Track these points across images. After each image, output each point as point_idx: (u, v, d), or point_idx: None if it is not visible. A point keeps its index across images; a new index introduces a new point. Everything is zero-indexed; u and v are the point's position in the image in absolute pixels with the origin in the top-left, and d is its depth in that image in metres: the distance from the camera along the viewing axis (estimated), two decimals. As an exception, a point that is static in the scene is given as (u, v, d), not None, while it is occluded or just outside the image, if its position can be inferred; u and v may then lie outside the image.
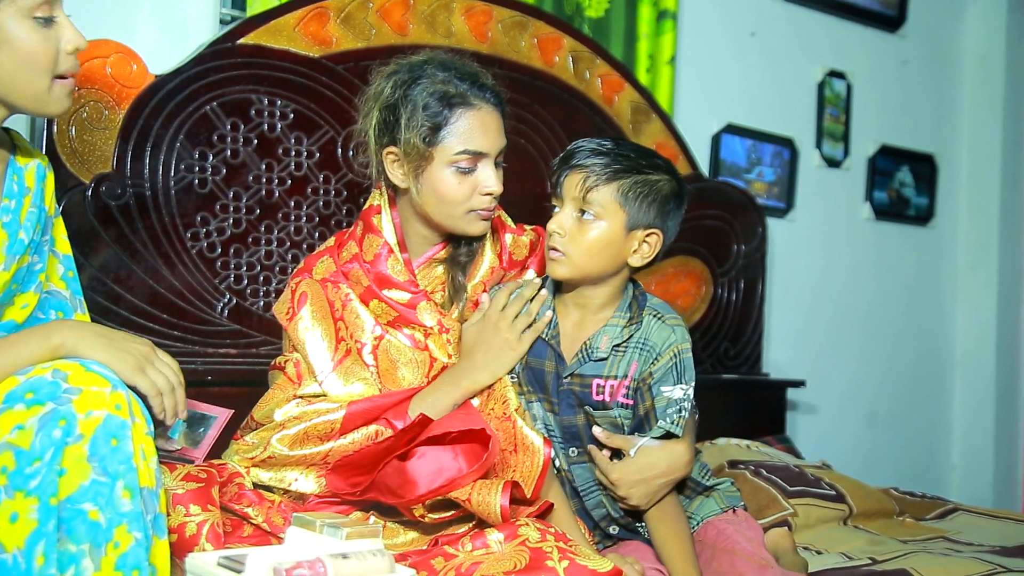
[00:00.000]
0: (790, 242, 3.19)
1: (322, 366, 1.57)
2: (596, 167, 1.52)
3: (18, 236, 1.35)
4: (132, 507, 1.14)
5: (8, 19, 1.24)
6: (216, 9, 2.23)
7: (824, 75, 3.30)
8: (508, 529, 1.36)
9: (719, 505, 1.68)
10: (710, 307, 2.84)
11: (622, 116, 2.64)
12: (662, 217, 1.55)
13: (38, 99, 1.29)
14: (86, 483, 1.12)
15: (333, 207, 2.19)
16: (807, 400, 3.24)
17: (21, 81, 1.27)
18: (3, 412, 1.14)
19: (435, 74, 1.55)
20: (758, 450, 2.52)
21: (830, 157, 3.34)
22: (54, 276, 1.46)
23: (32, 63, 1.26)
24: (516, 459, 1.48)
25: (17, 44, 1.25)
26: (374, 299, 1.60)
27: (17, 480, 1.11)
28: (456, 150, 1.53)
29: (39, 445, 1.11)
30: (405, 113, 1.53)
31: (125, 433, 1.15)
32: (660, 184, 1.55)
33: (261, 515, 1.48)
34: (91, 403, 1.14)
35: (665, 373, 1.55)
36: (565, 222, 1.54)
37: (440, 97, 1.53)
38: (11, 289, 1.35)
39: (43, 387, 1.14)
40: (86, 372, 1.16)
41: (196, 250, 2.04)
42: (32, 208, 1.38)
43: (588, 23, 2.73)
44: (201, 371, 1.96)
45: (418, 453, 1.44)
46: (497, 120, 1.59)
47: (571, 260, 1.53)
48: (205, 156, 2.05)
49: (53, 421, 1.12)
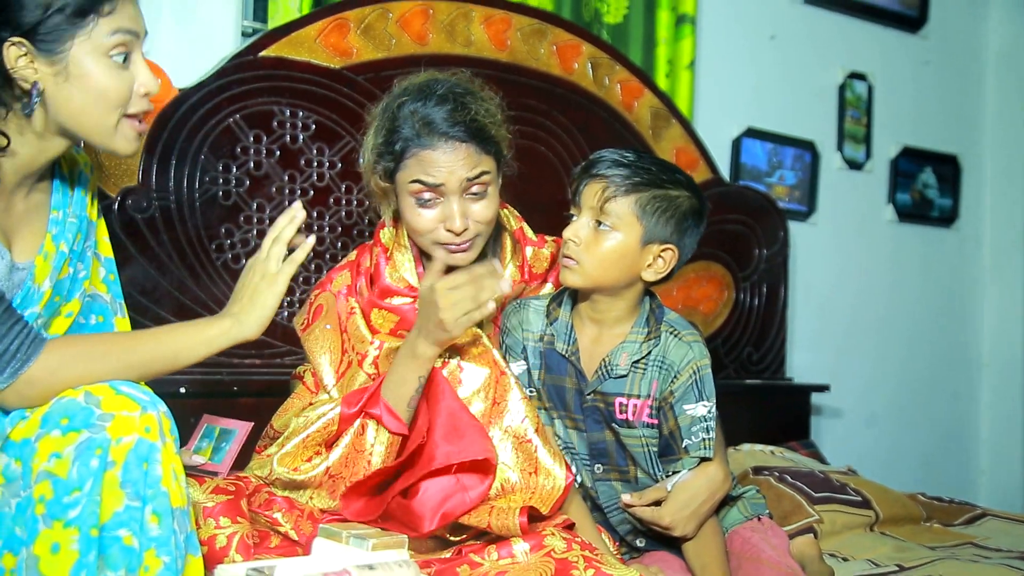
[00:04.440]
0: (812, 245, 3.18)
1: (328, 378, 1.59)
2: (616, 178, 1.52)
3: (59, 248, 1.37)
4: (160, 531, 1.15)
5: (84, 55, 1.25)
6: (238, 22, 2.25)
7: (845, 77, 3.29)
8: (534, 539, 1.36)
9: (744, 513, 1.68)
10: (732, 312, 2.83)
11: (642, 122, 2.64)
12: (679, 233, 1.55)
13: (104, 135, 1.30)
14: (120, 509, 1.13)
15: (355, 217, 2.20)
16: (832, 404, 3.22)
17: (89, 116, 1.28)
18: (41, 437, 1.15)
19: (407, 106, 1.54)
20: (782, 456, 2.50)
21: (852, 159, 3.32)
22: (96, 279, 1.47)
23: (102, 100, 1.27)
24: (535, 481, 1.47)
25: (90, 80, 1.26)
26: (375, 309, 1.60)
27: (55, 509, 1.12)
28: (410, 179, 1.53)
29: (76, 475, 1.13)
30: (374, 141, 1.55)
31: (155, 456, 1.16)
32: (679, 200, 1.54)
33: (290, 522, 1.49)
34: (123, 428, 1.15)
35: (686, 391, 1.55)
36: (581, 231, 1.54)
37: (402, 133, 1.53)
38: (54, 302, 1.37)
39: (77, 413, 1.16)
40: (117, 395, 1.17)
41: (221, 261, 2.06)
42: (73, 219, 1.40)
43: (607, 29, 2.73)
44: (227, 381, 1.98)
45: (421, 489, 1.44)
46: (455, 154, 1.51)
47: (584, 269, 1.53)
48: (229, 168, 2.07)
49: (90, 450, 1.13)
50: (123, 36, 1.27)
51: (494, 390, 1.52)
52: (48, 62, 1.24)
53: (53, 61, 1.24)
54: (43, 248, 1.35)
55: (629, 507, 1.58)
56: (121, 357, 1.25)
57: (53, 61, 1.24)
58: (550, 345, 1.61)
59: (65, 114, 1.27)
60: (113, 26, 1.26)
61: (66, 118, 1.27)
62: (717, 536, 1.59)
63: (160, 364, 1.29)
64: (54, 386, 1.19)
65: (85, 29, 1.24)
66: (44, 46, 1.23)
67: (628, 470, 1.61)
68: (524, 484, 1.46)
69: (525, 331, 1.63)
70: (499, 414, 1.51)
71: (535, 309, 1.64)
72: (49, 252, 1.35)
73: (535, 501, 1.45)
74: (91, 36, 1.25)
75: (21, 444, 1.16)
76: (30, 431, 1.17)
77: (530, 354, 1.63)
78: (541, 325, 1.63)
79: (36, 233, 1.36)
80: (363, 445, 1.49)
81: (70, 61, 1.24)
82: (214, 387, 1.96)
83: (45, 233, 1.36)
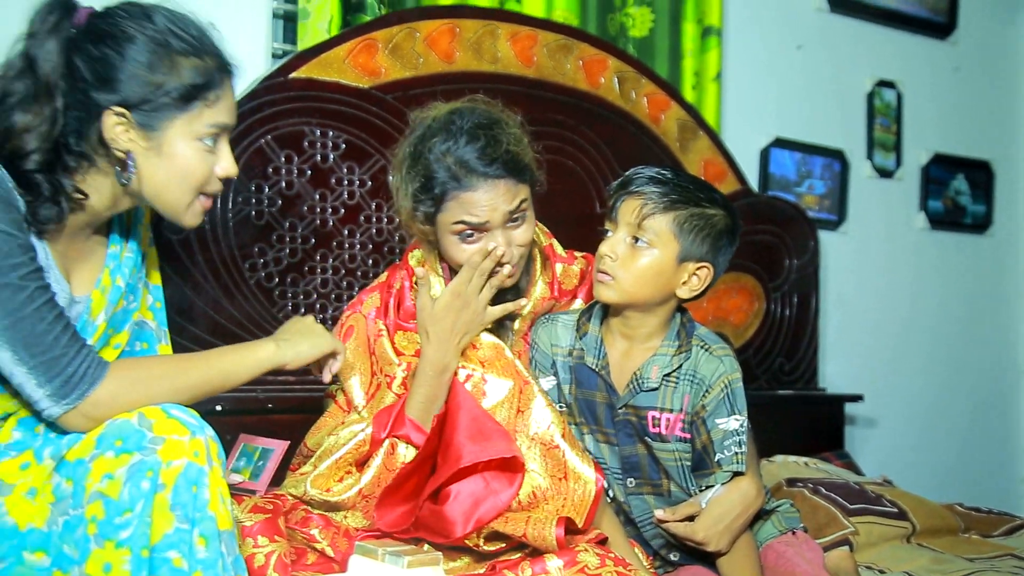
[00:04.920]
0: (844, 254, 3.16)
1: (359, 399, 1.60)
2: (654, 195, 1.53)
3: (116, 282, 1.41)
4: (208, 554, 1.17)
5: (177, 137, 1.31)
6: (268, 44, 2.29)
7: (873, 85, 3.27)
8: (567, 555, 1.37)
9: (778, 527, 1.67)
10: (763, 323, 2.82)
11: (669, 134, 2.64)
12: (714, 252, 1.55)
13: (177, 211, 1.36)
14: (170, 531, 1.16)
15: (385, 234, 2.22)
16: (866, 415, 3.19)
17: (170, 192, 1.34)
18: (95, 458, 1.18)
19: (438, 147, 1.53)
20: (816, 467, 2.49)
21: (882, 167, 3.30)
22: (143, 307, 1.52)
23: (184, 179, 1.33)
24: (566, 486, 1.48)
25: (178, 160, 1.32)
26: (399, 331, 1.62)
27: (107, 530, 1.15)
28: (452, 221, 1.54)
29: (128, 496, 1.15)
30: (410, 188, 1.55)
31: (203, 480, 1.19)
32: (716, 218, 1.55)
33: (327, 539, 1.50)
34: (173, 452, 1.18)
35: (718, 405, 1.55)
36: (617, 247, 1.54)
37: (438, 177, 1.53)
38: (107, 334, 1.41)
39: (131, 435, 1.19)
40: (168, 419, 1.20)
41: (254, 280, 2.09)
42: (129, 253, 1.45)
43: (632, 43, 2.74)
44: (262, 399, 2.00)
45: (452, 493, 1.45)
46: (495, 191, 1.52)
47: (619, 285, 1.54)
48: (261, 188, 2.10)
49: (141, 472, 1.16)
50: (219, 128, 1.34)
51: (518, 400, 1.53)
52: (144, 136, 1.30)
53: (149, 136, 1.30)
54: (100, 282, 1.39)
55: (662, 522, 1.58)
56: (176, 380, 1.29)
57: (149, 136, 1.30)
58: (580, 360, 1.62)
59: (147, 185, 1.33)
60: (213, 118, 1.33)
61: (146, 188, 1.33)
62: (752, 550, 1.59)
63: (210, 386, 1.34)
64: (115, 409, 1.23)
65: (188, 114, 1.30)
66: (144, 120, 1.29)
67: (661, 484, 1.61)
68: (555, 490, 1.47)
69: (554, 346, 1.64)
70: (524, 423, 1.52)
71: (564, 324, 1.65)
72: (106, 286, 1.40)
73: (568, 509, 1.46)
74: (191, 123, 1.31)
75: (75, 464, 1.19)
76: (85, 451, 1.20)
77: (560, 369, 1.63)
78: (570, 340, 1.63)
79: (94, 267, 1.40)
80: (394, 464, 1.51)
81: (164, 140, 1.30)
82: (249, 404, 1.98)
83: (103, 267, 1.41)
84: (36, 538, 1.19)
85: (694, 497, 1.58)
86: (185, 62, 1.30)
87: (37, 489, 1.21)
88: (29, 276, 1.21)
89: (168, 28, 1.31)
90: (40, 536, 1.19)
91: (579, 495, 1.47)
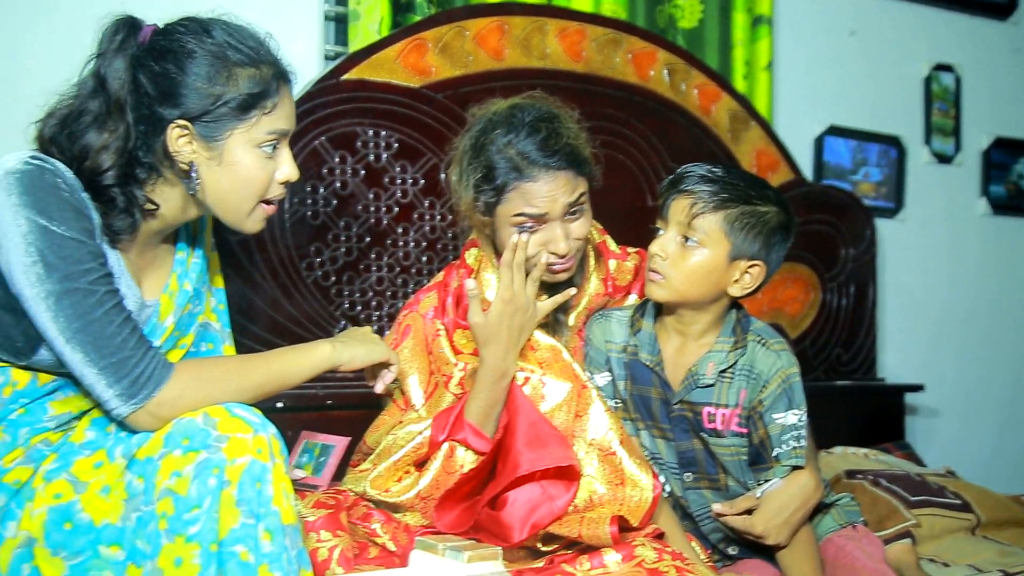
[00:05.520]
0: (901, 242, 3.11)
1: (417, 398, 1.62)
2: (704, 194, 1.52)
3: (183, 287, 1.46)
4: (272, 548, 1.20)
5: (238, 146, 1.35)
6: (320, 46, 2.32)
7: (930, 69, 3.20)
8: (625, 550, 1.37)
9: (838, 521, 1.66)
10: (820, 313, 2.79)
11: (720, 125, 2.63)
12: (767, 249, 1.54)
13: (239, 218, 1.40)
14: (236, 526, 1.19)
15: (439, 231, 2.25)
16: (928, 404, 3.13)
17: (232, 200, 1.38)
18: (163, 456, 1.22)
19: (498, 139, 1.55)
20: (876, 459, 2.45)
21: (940, 153, 3.23)
22: (207, 309, 1.57)
23: (246, 187, 1.37)
24: (623, 492, 1.49)
25: (239, 168, 1.36)
26: (459, 329, 1.63)
27: (177, 525, 1.19)
28: (512, 213, 1.54)
29: (196, 493, 1.19)
30: (472, 179, 1.56)
31: (266, 476, 1.22)
32: (768, 215, 1.53)
33: (388, 533, 1.53)
34: (237, 450, 1.21)
35: (775, 400, 1.55)
36: (668, 246, 1.54)
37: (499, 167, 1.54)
38: (174, 336, 1.46)
39: (196, 433, 1.22)
40: (231, 418, 1.24)
41: (311, 279, 2.12)
42: (196, 259, 1.50)
43: (682, 34, 2.72)
44: (321, 396, 2.04)
45: (509, 500, 1.46)
46: (555, 183, 1.53)
47: (670, 284, 1.54)
48: (316, 189, 2.14)
49: (207, 469, 1.20)
50: (277, 135, 1.37)
51: (576, 403, 1.54)
52: (205, 147, 1.34)
53: (210, 147, 1.34)
54: (168, 287, 1.44)
55: (720, 516, 1.58)
56: (238, 380, 1.33)
57: (210, 147, 1.34)
58: (634, 356, 1.62)
59: (211, 194, 1.37)
60: (271, 125, 1.36)
61: (210, 197, 1.37)
62: (811, 544, 1.58)
63: (272, 386, 1.37)
64: (179, 409, 1.27)
65: (246, 123, 1.34)
66: (205, 132, 1.33)
67: (718, 478, 1.61)
68: (611, 496, 1.48)
69: (608, 342, 1.65)
70: (582, 427, 1.53)
71: (618, 320, 1.66)
72: (174, 291, 1.45)
73: (624, 512, 1.47)
74: (250, 131, 1.35)
75: (145, 462, 1.23)
76: (154, 450, 1.24)
77: (614, 365, 1.64)
78: (624, 336, 1.64)
79: (162, 272, 1.45)
80: (453, 467, 1.52)
81: (225, 149, 1.34)
82: (309, 401, 2.02)
83: (171, 273, 1.46)
84: (111, 533, 1.23)
85: (752, 490, 1.57)
86: (242, 73, 1.33)
87: (111, 487, 1.25)
88: (98, 281, 1.26)
89: (226, 41, 1.34)
90: (115, 531, 1.23)
91: (635, 501, 1.48)
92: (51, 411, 1.35)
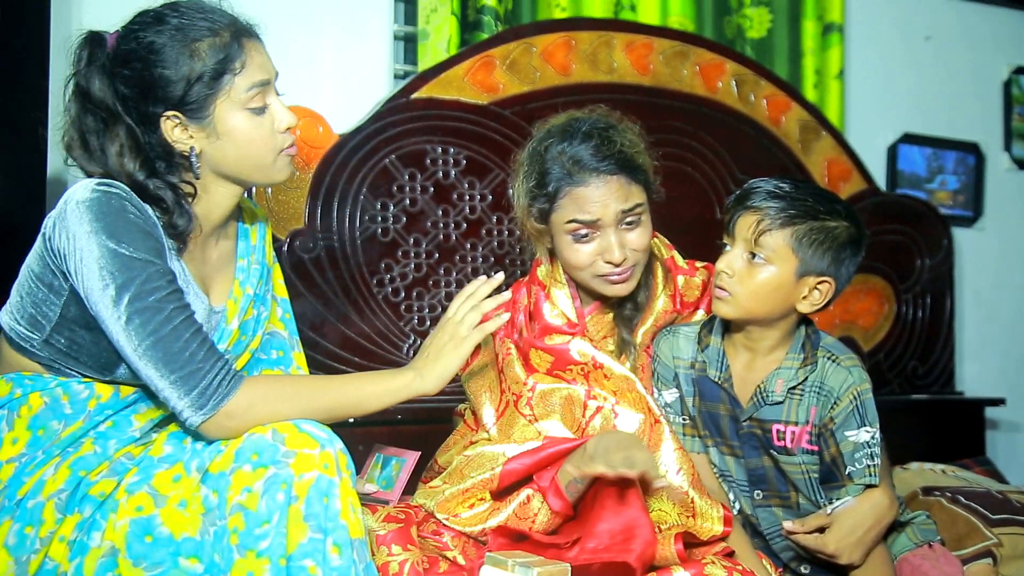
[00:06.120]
0: (980, 252, 3.03)
1: (488, 417, 1.63)
2: (771, 210, 1.50)
3: (246, 291, 1.51)
4: (341, 562, 1.23)
5: (227, 113, 1.39)
6: (390, 65, 2.37)
7: (1010, 73, 3.12)
8: (694, 568, 1.37)
9: (913, 540, 1.62)
10: (894, 325, 2.73)
11: (790, 136, 2.60)
12: (836, 265, 1.52)
13: (263, 174, 1.45)
14: (304, 541, 1.22)
15: (507, 246, 2.27)
16: (1010, 419, 3.04)
17: (246, 165, 1.43)
18: (234, 471, 1.26)
19: (555, 147, 1.57)
20: (955, 475, 2.39)
21: (1021, 159, 3.14)
22: (274, 318, 1.62)
23: (252, 147, 1.41)
24: (694, 524, 1.49)
25: (236, 134, 1.40)
26: (532, 348, 1.64)
27: (248, 540, 1.22)
28: (566, 219, 1.55)
29: (265, 508, 1.23)
30: (527, 186, 1.58)
31: (334, 491, 1.25)
32: (837, 231, 1.51)
33: (458, 548, 1.54)
34: (304, 465, 1.24)
35: (847, 417, 1.52)
36: (735, 263, 1.53)
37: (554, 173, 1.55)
38: (241, 340, 1.51)
39: (265, 449, 1.26)
40: (299, 433, 1.27)
41: (382, 296, 2.16)
42: (256, 265, 1.55)
43: (750, 44, 2.70)
44: (391, 411, 2.04)
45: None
46: (607, 188, 1.53)
47: (737, 301, 1.53)
48: (386, 206, 2.18)
49: (276, 485, 1.23)
50: (257, 88, 1.40)
51: (648, 437, 1.54)
52: (199, 127, 1.39)
53: (203, 126, 1.39)
54: (232, 293, 1.50)
55: (791, 534, 1.56)
56: (309, 399, 1.36)
57: (203, 126, 1.39)
58: (702, 372, 1.62)
59: (225, 166, 1.42)
60: (247, 82, 1.39)
61: (227, 168, 1.42)
62: (886, 564, 1.55)
63: (343, 410, 1.40)
64: (248, 422, 1.31)
65: (223, 90, 1.38)
66: (192, 114, 1.38)
67: (789, 496, 1.59)
68: (682, 526, 1.48)
69: (676, 358, 1.64)
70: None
71: (685, 336, 1.65)
72: (237, 296, 1.50)
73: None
74: (230, 95, 1.38)
75: (218, 476, 1.27)
76: (225, 464, 1.28)
77: (682, 381, 1.63)
78: (692, 352, 1.63)
79: (227, 280, 1.51)
80: (526, 514, 1.51)
81: (216, 121, 1.38)
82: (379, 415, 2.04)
83: (234, 279, 1.51)
84: (190, 546, 1.27)
85: (823, 508, 1.55)
86: (202, 46, 1.36)
87: (187, 500, 1.29)
88: (166, 298, 1.31)
89: (179, 23, 1.37)
90: (194, 544, 1.27)
91: (706, 528, 1.48)
92: (135, 423, 1.41)
